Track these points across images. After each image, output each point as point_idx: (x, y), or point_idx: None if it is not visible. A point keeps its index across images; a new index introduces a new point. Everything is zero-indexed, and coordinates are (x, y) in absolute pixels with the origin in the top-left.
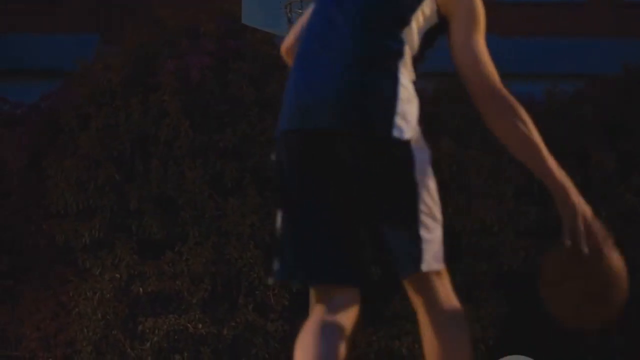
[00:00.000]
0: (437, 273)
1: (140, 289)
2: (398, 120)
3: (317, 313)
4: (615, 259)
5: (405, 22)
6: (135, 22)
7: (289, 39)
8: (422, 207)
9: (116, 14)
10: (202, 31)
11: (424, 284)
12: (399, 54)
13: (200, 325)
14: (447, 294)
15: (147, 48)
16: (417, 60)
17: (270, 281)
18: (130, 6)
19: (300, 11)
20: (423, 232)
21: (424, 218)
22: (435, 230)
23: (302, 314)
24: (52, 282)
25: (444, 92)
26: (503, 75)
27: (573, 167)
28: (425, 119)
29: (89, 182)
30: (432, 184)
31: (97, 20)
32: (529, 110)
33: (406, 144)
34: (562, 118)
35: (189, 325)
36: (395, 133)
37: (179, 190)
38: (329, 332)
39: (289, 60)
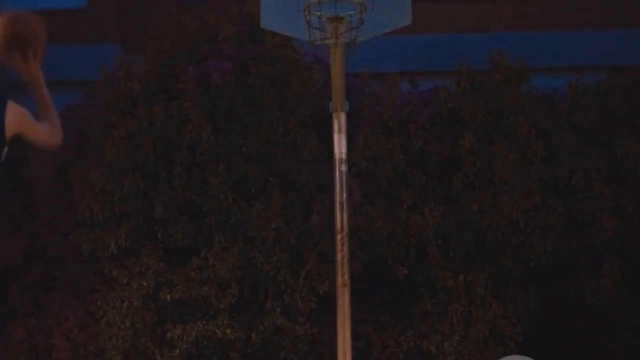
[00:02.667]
0: None
1: (168, 296)
2: None
3: None
4: None
5: None
6: (155, 29)
7: None
8: None
9: (136, 22)
10: (222, 36)
11: None
12: None
13: (228, 331)
14: None
15: (167, 55)
16: None
17: None
18: (150, 13)
19: (318, 14)
20: None
21: None
22: None
23: (330, 316)
24: (81, 292)
25: (465, 88)
26: (527, 70)
27: (600, 157)
28: (448, 116)
29: (113, 191)
30: None
31: (118, 29)
32: (554, 103)
33: None
34: (588, 109)
35: (217, 330)
36: None
37: (203, 196)
38: None
39: None
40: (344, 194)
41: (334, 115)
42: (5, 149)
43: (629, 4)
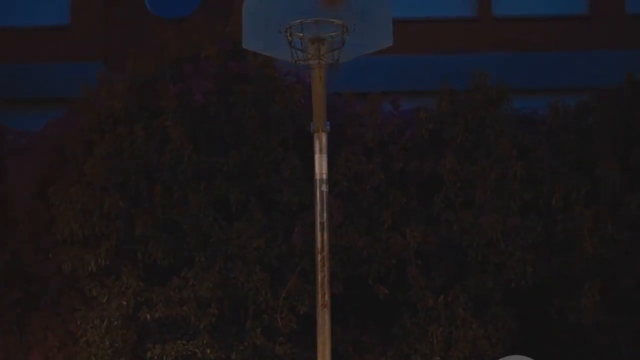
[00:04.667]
0: None
1: (148, 316)
2: None
3: None
4: None
5: None
6: (138, 47)
7: None
8: None
9: (120, 40)
10: (204, 55)
11: None
12: None
13: (208, 350)
14: None
15: (149, 73)
16: None
17: None
18: (133, 31)
19: (300, 34)
20: None
21: None
22: None
23: (310, 336)
24: (61, 311)
25: (446, 108)
26: (508, 90)
27: (580, 178)
28: (429, 136)
29: (94, 210)
30: None
31: (102, 46)
32: (535, 124)
33: None
34: (568, 131)
35: (197, 350)
36: None
37: (184, 215)
38: None
39: None
40: (325, 214)
41: (315, 135)
42: None
43: (608, 26)
